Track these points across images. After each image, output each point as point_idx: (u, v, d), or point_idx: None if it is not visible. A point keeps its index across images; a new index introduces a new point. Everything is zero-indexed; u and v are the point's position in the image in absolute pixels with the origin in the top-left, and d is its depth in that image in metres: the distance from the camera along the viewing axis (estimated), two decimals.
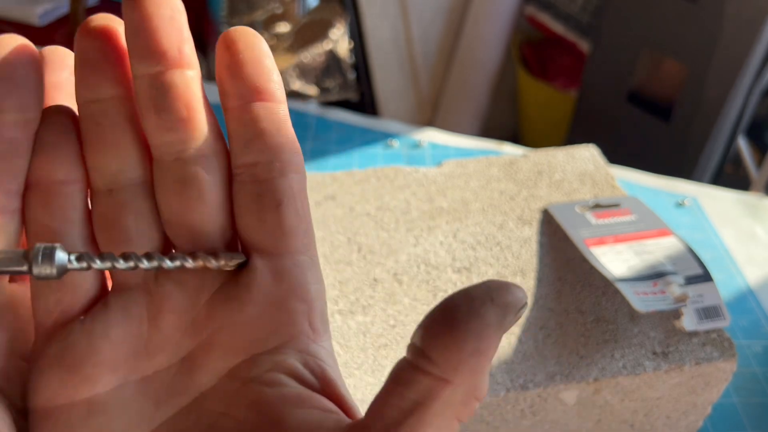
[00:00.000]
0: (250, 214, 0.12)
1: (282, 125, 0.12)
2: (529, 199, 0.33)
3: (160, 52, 0.11)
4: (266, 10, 1.04)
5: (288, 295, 0.12)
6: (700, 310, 0.26)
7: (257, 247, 0.12)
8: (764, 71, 0.76)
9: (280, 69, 0.68)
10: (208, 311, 0.12)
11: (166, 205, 0.12)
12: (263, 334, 0.12)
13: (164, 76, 0.11)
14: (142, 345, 0.12)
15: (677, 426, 0.28)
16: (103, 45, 0.11)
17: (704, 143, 0.80)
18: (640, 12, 0.81)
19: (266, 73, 0.12)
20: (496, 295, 0.10)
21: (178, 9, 0.11)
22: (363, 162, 0.48)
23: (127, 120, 0.12)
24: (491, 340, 0.10)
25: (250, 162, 0.12)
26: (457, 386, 0.10)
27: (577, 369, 0.25)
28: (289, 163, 0.12)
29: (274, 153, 0.12)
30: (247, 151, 0.12)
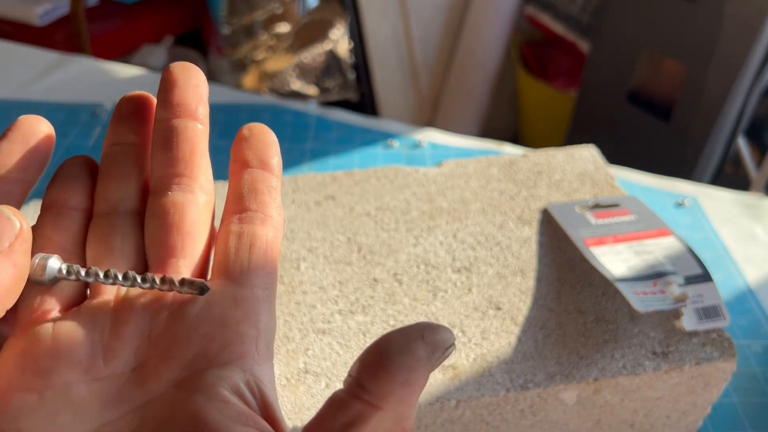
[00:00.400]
0: (225, 249, 0.15)
1: (273, 191, 0.15)
2: (528, 199, 0.33)
3: (181, 104, 0.14)
4: (266, 10, 1.04)
5: (241, 319, 0.13)
6: (700, 310, 0.26)
7: (225, 274, 0.14)
8: (764, 71, 0.76)
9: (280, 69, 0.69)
10: (168, 325, 0.13)
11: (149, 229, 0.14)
12: (214, 350, 0.13)
13: (179, 122, 0.14)
14: (100, 350, 0.13)
15: (677, 426, 0.28)
16: (136, 107, 0.15)
17: (704, 143, 0.80)
18: (640, 12, 0.81)
19: (270, 152, 0.15)
20: (427, 334, 0.12)
21: (203, 82, 0.15)
22: (363, 162, 0.48)
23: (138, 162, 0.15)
24: (420, 374, 0.12)
25: (239, 209, 0.15)
26: (386, 413, 0.12)
27: (577, 369, 0.25)
28: (271, 218, 0.15)
29: (260, 206, 0.15)
30: (239, 202, 0.15)
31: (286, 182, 0.33)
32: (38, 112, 0.62)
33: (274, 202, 0.15)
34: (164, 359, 0.13)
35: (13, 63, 0.57)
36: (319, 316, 0.26)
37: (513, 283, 0.28)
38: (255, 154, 0.15)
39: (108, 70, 0.57)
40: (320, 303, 0.27)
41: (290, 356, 0.25)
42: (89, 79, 0.56)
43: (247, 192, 0.15)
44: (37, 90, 0.54)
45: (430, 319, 0.27)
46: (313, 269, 0.28)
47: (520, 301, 0.27)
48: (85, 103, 0.52)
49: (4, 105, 0.52)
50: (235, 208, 0.15)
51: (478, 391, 0.24)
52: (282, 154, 0.55)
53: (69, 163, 0.15)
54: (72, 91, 0.54)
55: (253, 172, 0.15)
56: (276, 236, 0.15)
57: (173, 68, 0.15)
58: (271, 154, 0.15)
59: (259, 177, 0.15)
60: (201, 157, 0.15)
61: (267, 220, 0.15)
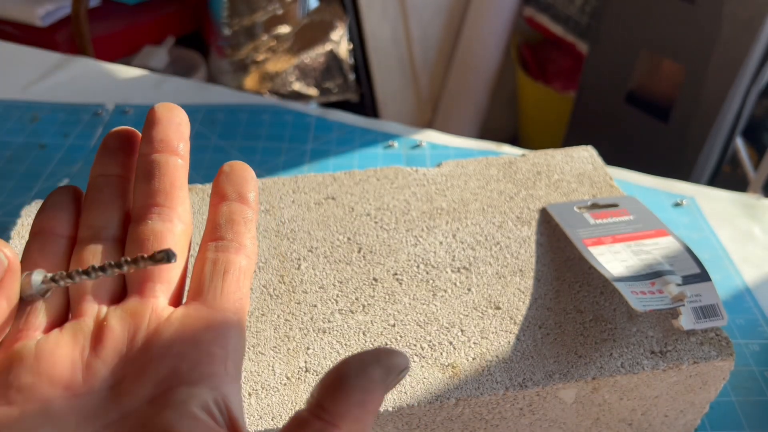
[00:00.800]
0: (200, 275, 0.16)
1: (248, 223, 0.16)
2: (527, 199, 0.33)
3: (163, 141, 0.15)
4: (267, 12, 1.04)
5: (212, 341, 0.14)
6: (698, 309, 0.26)
7: (199, 298, 0.15)
8: (762, 72, 0.76)
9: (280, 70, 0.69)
10: (144, 344, 0.14)
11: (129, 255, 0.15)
12: (185, 369, 0.14)
13: (161, 157, 0.15)
14: (80, 368, 0.14)
15: (675, 424, 0.28)
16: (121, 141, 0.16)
17: (702, 144, 0.81)
18: (639, 13, 0.81)
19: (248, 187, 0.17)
20: (382, 357, 0.13)
21: (185, 122, 0.16)
22: (363, 162, 0.48)
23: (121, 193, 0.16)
24: (374, 395, 0.13)
25: (216, 238, 0.16)
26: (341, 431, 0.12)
27: (576, 368, 0.25)
28: (245, 247, 0.16)
29: (235, 236, 0.16)
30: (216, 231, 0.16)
31: (287, 182, 0.34)
32: (40, 112, 0.62)
33: (249, 233, 0.16)
34: (139, 377, 0.14)
35: (15, 63, 0.57)
36: (319, 315, 0.27)
37: (512, 283, 0.28)
38: (233, 188, 0.17)
39: (109, 70, 0.57)
40: (320, 302, 0.27)
41: (291, 355, 0.25)
42: (91, 80, 0.56)
43: (223, 222, 0.16)
44: (38, 90, 0.54)
45: (430, 318, 0.27)
46: (314, 269, 0.29)
47: (519, 300, 0.28)
48: (87, 104, 0.53)
49: (6, 105, 0.52)
50: (211, 236, 0.16)
51: (477, 390, 0.24)
52: (282, 154, 0.55)
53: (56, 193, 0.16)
54: (73, 92, 0.54)
55: (230, 204, 0.16)
56: (249, 264, 0.16)
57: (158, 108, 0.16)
58: (248, 188, 0.17)
59: (236, 209, 0.16)
60: (180, 190, 0.16)
61: (241, 249, 0.16)
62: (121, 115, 0.51)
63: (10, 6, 0.91)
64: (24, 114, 0.51)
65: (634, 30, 0.82)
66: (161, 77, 0.57)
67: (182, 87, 0.55)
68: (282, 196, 0.33)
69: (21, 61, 0.58)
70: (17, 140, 0.48)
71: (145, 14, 1.04)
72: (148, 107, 0.52)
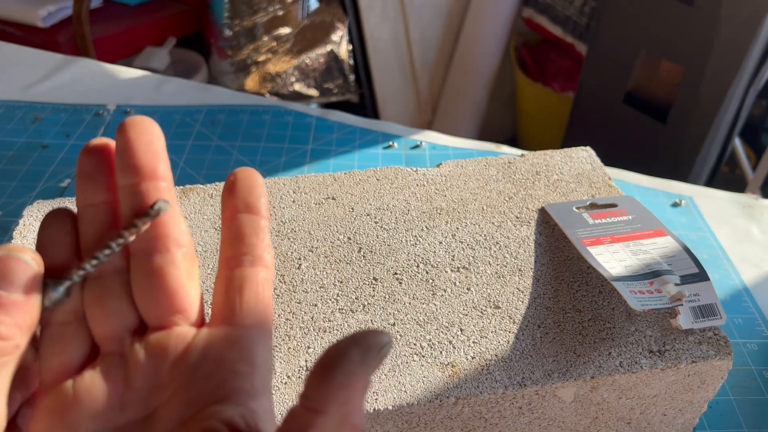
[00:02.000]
0: (220, 294, 0.16)
1: (260, 232, 0.16)
2: (526, 199, 0.34)
3: (137, 167, 0.15)
4: (267, 13, 1.05)
5: (237, 358, 0.15)
6: (696, 308, 0.26)
7: (221, 318, 0.16)
8: (760, 73, 0.76)
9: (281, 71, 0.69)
10: (172, 371, 0.15)
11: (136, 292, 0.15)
12: (211, 388, 0.14)
13: (139, 187, 0.15)
14: (117, 401, 0.15)
15: (674, 423, 0.29)
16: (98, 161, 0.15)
17: (700, 144, 0.81)
18: (637, 14, 0.82)
19: (256, 194, 0.16)
20: (360, 338, 0.13)
21: (156, 135, 0.15)
22: (363, 163, 0.48)
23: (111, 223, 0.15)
24: (356, 375, 0.13)
25: (230, 255, 0.16)
26: (329, 415, 0.13)
27: (575, 367, 0.25)
28: (260, 258, 0.16)
29: (248, 248, 0.16)
30: (229, 248, 0.16)
31: (288, 183, 0.34)
32: (42, 112, 0.62)
33: (262, 242, 0.16)
34: (170, 402, 0.14)
35: (17, 64, 0.58)
36: (320, 314, 0.27)
37: (511, 282, 0.28)
38: (240, 199, 0.16)
39: (111, 71, 0.58)
40: (321, 302, 0.27)
41: (291, 354, 0.25)
42: (92, 81, 0.56)
43: (235, 237, 0.16)
44: (40, 91, 0.54)
45: (430, 317, 0.27)
46: (314, 268, 0.29)
47: (518, 299, 0.28)
48: (89, 105, 0.53)
49: (8, 106, 0.52)
50: (226, 254, 0.16)
51: (476, 389, 0.24)
52: (283, 155, 0.55)
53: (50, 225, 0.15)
54: (75, 93, 0.54)
55: (240, 217, 0.16)
56: (267, 274, 0.16)
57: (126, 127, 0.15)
58: (255, 196, 0.16)
59: (246, 221, 0.16)
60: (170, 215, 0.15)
61: (256, 261, 0.16)
62: (122, 115, 0.51)
63: (12, 7, 0.92)
64: (26, 114, 0.51)
65: (633, 31, 0.83)
66: (162, 78, 0.57)
67: (183, 88, 0.55)
68: (282, 196, 0.33)
69: (23, 62, 0.58)
70: (19, 140, 0.48)
71: (147, 15, 1.04)
72: (150, 108, 0.52)
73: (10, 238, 0.31)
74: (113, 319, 0.15)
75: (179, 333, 0.15)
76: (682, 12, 0.76)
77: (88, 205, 0.15)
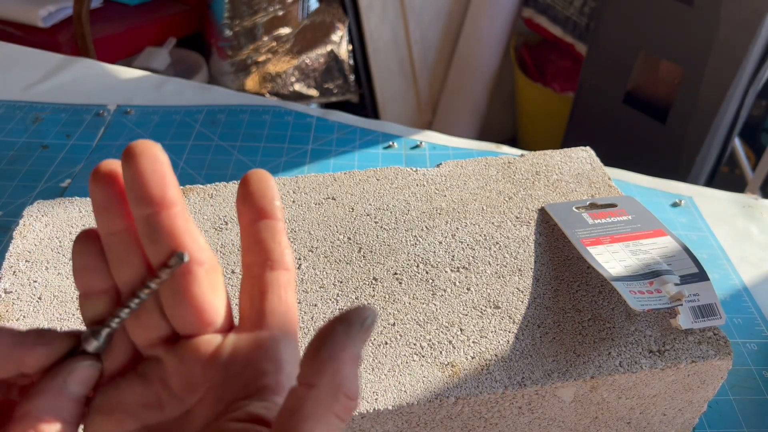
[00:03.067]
0: (245, 299, 0.17)
1: (277, 235, 0.17)
2: (526, 199, 0.34)
3: (148, 198, 0.15)
4: (267, 13, 1.05)
5: (263, 358, 0.16)
6: (696, 308, 0.26)
7: (247, 323, 0.17)
8: (760, 73, 0.76)
9: (281, 71, 0.69)
10: (204, 373, 0.16)
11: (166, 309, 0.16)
12: (239, 386, 0.16)
13: (153, 217, 0.16)
14: (156, 401, 0.16)
15: (673, 423, 0.29)
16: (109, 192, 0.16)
17: (700, 144, 0.81)
18: (637, 14, 0.82)
19: (269, 198, 0.17)
20: (344, 315, 0.14)
21: (160, 161, 0.16)
22: (363, 163, 0.48)
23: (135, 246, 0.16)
24: (342, 346, 0.14)
25: (250, 262, 0.17)
26: (321, 387, 0.14)
27: (574, 367, 0.25)
28: (280, 262, 0.17)
29: (267, 254, 0.17)
30: (249, 254, 0.17)
31: (288, 183, 0.34)
32: (42, 113, 0.62)
33: (279, 246, 0.17)
34: (203, 400, 0.16)
35: (18, 64, 0.58)
36: (320, 314, 0.27)
37: (511, 282, 0.29)
38: (254, 205, 0.17)
39: (111, 71, 0.58)
40: (321, 301, 0.27)
41: None
42: (93, 81, 0.56)
43: (254, 244, 0.17)
44: (41, 91, 0.54)
45: (429, 317, 0.27)
46: (314, 268, 0.29)
47: (518, 299, 0.28)
48: (89, 105, 0.53)
49: (8, 106, 0.52)
50: (247, 260, 0.17)
51: (476, 389, 0.24)
52: (283, 155, 0.55)
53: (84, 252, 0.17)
54: (75, 93, 0.54)
55: (256, 224, 0.17)
56: (288, 276, 0.17)
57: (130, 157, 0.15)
58: (268, 199, 0.17)
59: (263, 227, 0.17)
60: (186, 236, 0.16)
61: (276, 265, 0.17)
62: (122, 115, 0.51)
63: (12, 7, 0.92)
64: (26, 115, 0.51)
65: (633, 31, 0.83)
66: (162, 78, 0.57)
67: (183, 88, 0.55)
68: (283, 197, 0.33)
69: (23, 62, 0.58)
70: (20, 140, 0.48)
71: (147, 15, 1.04)
72: (150, 108, 0.52)
73: (10, 238, 0.31)
74: (148, 331, 0.17)
75: (209, 339, 0.17)
76: (682, 12, 0.76)
77: (110, 234, 0.16)
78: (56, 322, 0.26)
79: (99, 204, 0.16)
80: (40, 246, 0.29)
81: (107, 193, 0.16)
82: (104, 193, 0.16)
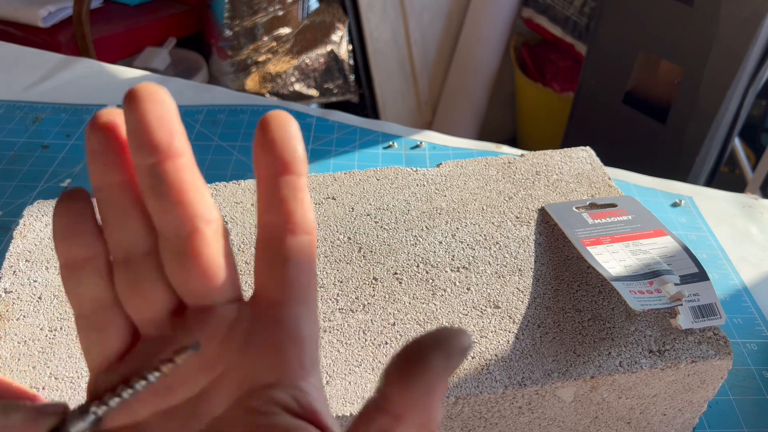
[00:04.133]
0: (262, 267, 0.15)
1: (298, 194, 0.15)
2: (526, 199, 0.34)
3: (153, 146, 0.13)
4: (267, 13, 1.05)
5: (283, 339, 0.14)
6: (696, 308, 0.26)
7: (265, 296, 0.15)
8: (759, 73, 0.76)
9: (281, 71, 0.69)
10: (219, 354, 0.14)
11: (171, 274, 0.14)
12: (260, 371, 0.14)
13: (158, 167, 0.14)
14: (168, 383, 0.14)
15: (673, 423, 0.29)
16: (107, 139, 0.14)
17: (700, 144, 0.81)
18: (637, 14, 0.82)
19: (290, 149, 0.14)
20: (443, 340, 0.13)
21: (168, 108, 0.14)
22: (363, 163, 0.48)
23: (133, 203, 0.14)
24: (437, 382, 0.12)
25: (268, 222, 0.15)
26: (410, 422, 0.12)
27: (574, 366, 0.25)
28: (301, 225, 0.15)
29: (287, 216, 0.14)
30: (267, 213, 0.15)
31: None
32: (42, 113, 0.62)
33: (302, 206, 0.15)
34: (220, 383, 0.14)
35: (18, 65, 0.58)
36: (320, 314, 0.27)
37: (511, 282, 0.29)
38: (273, 156, 0.14)
39: (111, 71, 0.58)
40: (321, 301, 0.27)
41: None
42: (93, 81, 0.56)
43: (273, 202, 0.14)
44: (41, 91, 0.54)
45: (430, 317, 0.27)
46: None
47: (518, 299, 0.28)
48: (89, 105, 0.53)
49: (8, 106, 0.52)
50: (264, 218, 0.15)
51: (476, 388, 0.24)
52: None
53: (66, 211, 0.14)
54: (76, 93, 0.54)
55: (276, 179, 0.14)
56: (309, 241, 0.15)
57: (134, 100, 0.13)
58: (289, 150, 0.14)
59: (282, 183, 0.14)
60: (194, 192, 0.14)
61: (296, 229, 0.15)
62: None
63: (13, 7, 0.92)
64: (26, 115, 0.51)
65: (633, 31, 0.83)
66: (163, 78, 0.57)
67: (183, 88, 0.55)
68: None
69: (23, 62, 0.58)
70: (20, 140, 0.48)
71: (147, 15, 1.04)
72: None
73: (10, 238, 0.31)
74: (150, 303, 0.14)
75: (222, 312, 0.15)
76: (682, 12, 0.76)
77: (105, 185, 0.14)
78: (56, 321, 0.26)
79: (95, 151, 0.14)
80: (40, 246, 0.29)
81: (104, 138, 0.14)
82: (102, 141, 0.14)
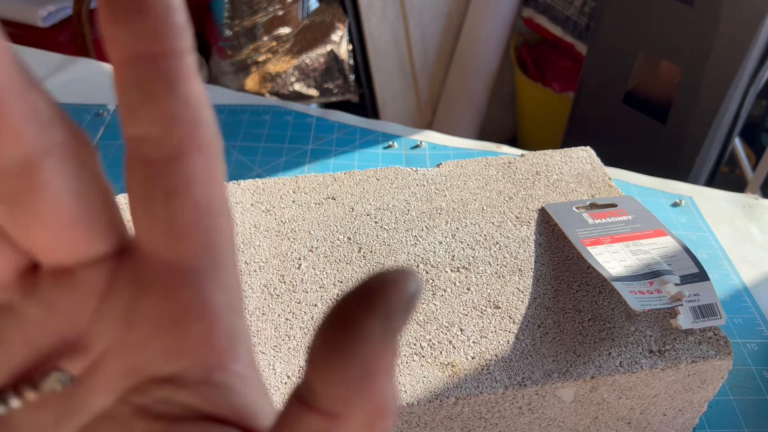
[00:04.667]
0: (138, 205, 0.09)
1: (183, 85, 0.09)
2: (526, 199, 0.34)
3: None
4: (267, 13, 1.05)
5: (182, 315, 0.10)
6: (696, 308, 0.26)
7: (148, 248, 0.10)
8: (760, 73, 0.76)
9: (281, 71, 0.69)
10: (94, 331, 0.10)
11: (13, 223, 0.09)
12: (152, 356, 0.10)
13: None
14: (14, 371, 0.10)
15: (673, 423, 0.29)
16: None
17: (700, 144, 0.81)
18: (637, 14, 0.82)
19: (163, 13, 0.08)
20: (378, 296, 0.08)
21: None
22: (363, 163, 0.48)
23: None
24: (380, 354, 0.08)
25: (137, 135, 0.09)
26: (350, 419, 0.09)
27: (575, 367, 0.25)
28: (190, 138, 0.09)
29: (167, 124, 0.09)
30: (133, 121, 0.09)
31: (288, 183, 0.34)
32: None
33: (187, 107, 0.09)
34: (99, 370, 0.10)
35: None
36: (320, 314, 0.27)
37: (511, 282, 0.29)
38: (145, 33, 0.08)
39: (111, 71, 0.58)
40: (321, 301, 0.27)
41: (291, 354, 0.25)
42: (93, 81, 0.56)
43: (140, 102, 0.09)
44: None
45: (429, 317, 0.27)
46: (314, 268, 0.29)
47: (518, 299, 0.28)
48: (89, 105, 0.53)
49: None
50: (130, 131, 0.09)
51: (476, 389, 0.24)
52: (283, 155, 0.55)
53: None
54: (75, 93, 0.54)
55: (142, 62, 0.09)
56: (207, 165, 0.09)
57: None
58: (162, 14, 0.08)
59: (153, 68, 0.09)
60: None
61: (185, 144, 0.09)
62: None
63: (12, 7, 0.92)
64: None
65: (633, 31, 0.83)
66: None
67: None
68: (282, 196, 0.33)
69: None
70: None
71: None
72: None
73: None
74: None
75: (87, 275, 0.10)
76: (682, 12, 0.76)
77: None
78: None
79: None
80: None
81: None
82: None
